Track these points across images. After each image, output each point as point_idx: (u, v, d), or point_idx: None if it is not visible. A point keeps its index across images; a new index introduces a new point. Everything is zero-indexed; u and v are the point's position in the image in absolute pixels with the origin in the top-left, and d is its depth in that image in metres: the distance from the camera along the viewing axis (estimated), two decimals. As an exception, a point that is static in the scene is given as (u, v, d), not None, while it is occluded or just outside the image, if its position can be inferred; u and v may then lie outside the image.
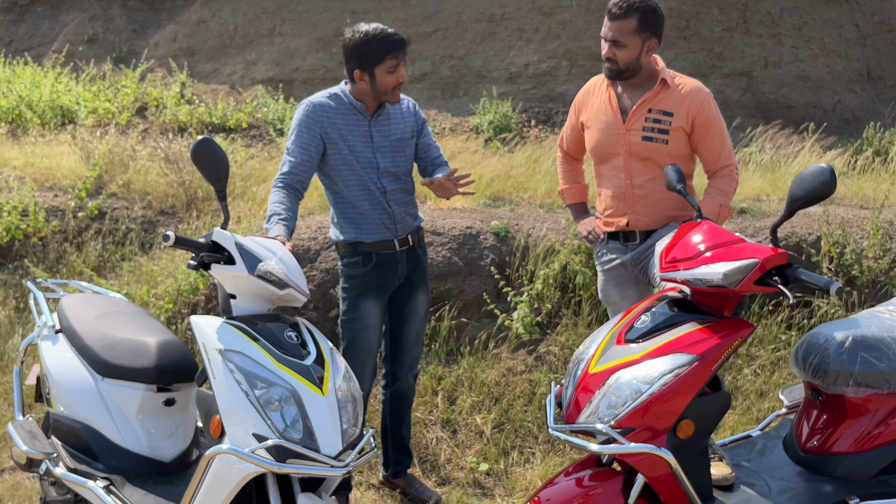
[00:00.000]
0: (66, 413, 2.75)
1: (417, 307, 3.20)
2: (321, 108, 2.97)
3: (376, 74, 2.91)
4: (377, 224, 3.03)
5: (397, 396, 3.28)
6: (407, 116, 3.12)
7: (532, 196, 5.21)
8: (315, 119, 2.96)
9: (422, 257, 3.21)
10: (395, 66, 2.89)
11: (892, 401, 2.48)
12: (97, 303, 3.03)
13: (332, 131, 2.97)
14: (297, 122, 2.97)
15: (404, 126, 3.10)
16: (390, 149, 3.05)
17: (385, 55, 2.87)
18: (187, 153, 6.31)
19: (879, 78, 11.47)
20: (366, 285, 3.05)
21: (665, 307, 2.38)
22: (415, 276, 3.17)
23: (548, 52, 9.95)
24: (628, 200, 3.07)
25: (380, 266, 3.05)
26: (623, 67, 2.96)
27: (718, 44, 10.10)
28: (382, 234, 3.04)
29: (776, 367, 4.08)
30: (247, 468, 2.13)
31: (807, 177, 2.32)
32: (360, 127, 3.01)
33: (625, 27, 2.90)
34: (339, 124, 2.98)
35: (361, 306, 3.04)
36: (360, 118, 3.01)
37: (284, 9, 10.79)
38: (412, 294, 3.18)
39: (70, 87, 8.89)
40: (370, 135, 3.02)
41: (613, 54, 2.95)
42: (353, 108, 3.00)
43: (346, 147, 2.98)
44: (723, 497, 2.48)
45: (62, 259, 5.33)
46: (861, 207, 5.18)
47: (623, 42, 2.92)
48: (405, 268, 3.12)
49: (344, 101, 3.00)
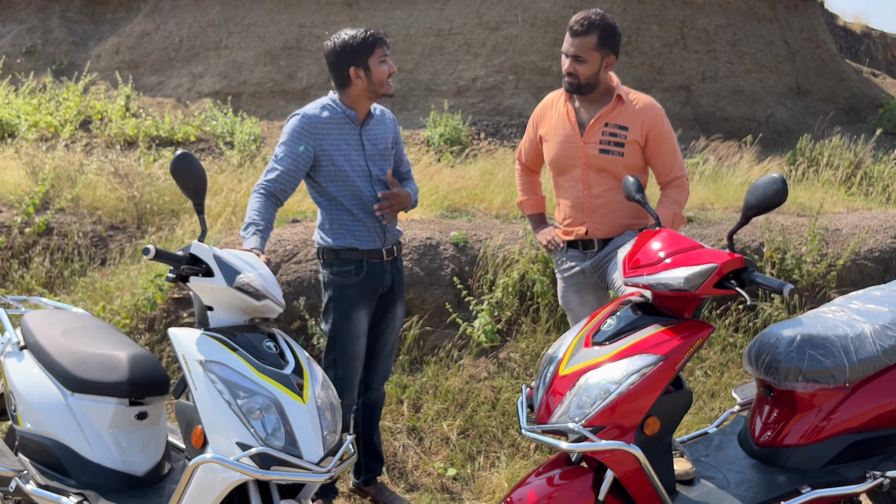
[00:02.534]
0: (34, 430, 2.72)
1: (395, 319, 3.26)
2: (315, 121, 3.01)
3: (371, 66, 2.98)
4: (370, 232, 3.09)
5: (369, 405, 3.33)
6: (389, 125, 3.20)
7: (488, 207, 5.33)
8: (308, 131, 3.00)
9: (401, 269, 3.28)
10: (384, 56, 3.01)
11: (837, 395, 2.65)
12: (62, 318, 3.00)
13: (326, 143, 3.01)
14: (290, 132, 3.01)
15: (387, 135, 3.17)
16: (379, 157, 3.12)
17: (374, 46, 2.97)
18: (137, 167, 6.22)
19: (808, 92, 12.02)
20: (357, 295, 3.09)
21: (629, 311, 2.50)
22: (396, 287, 3.23)
23: (495, 66, 10.14)
24: (587, 210, 3.20)
25: (369, 275, 3.10)
26: (584, 82, 3.10)
27: (658, 59, 10.46)
28: (374, 242, 3.10)
29: (725, 367, 4.27)
30: (231, 476, 2.16)
31: (760, 186, 2.48)
32: (352, 136, 3.07)
33: (586, 43, 3.04)
34: (333, 135, 3.03)
35: (353, 317, 3.07)
36: (351, 127, 3.07)
37: (231, 21, 10.72)
38: (392, 305, 3.23)
39: (9, 100, 8.66)
40: (362, 143, 3.08)
41: (574, 69, 3.09)
42: (345, 118, 3.06)
43: (341, 157, 3.02)
44: (685, 491, 2.61)
45: (8, 275, 5.20)
46: (798, 215, 5.46)
47: (584, 58, 3.06)
48: (390, 277, 3.18)
49: (337, 110, 3.06)
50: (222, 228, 5.16)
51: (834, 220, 5.29)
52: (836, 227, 5.15)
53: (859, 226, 5.20)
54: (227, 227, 5.15)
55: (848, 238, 5.03)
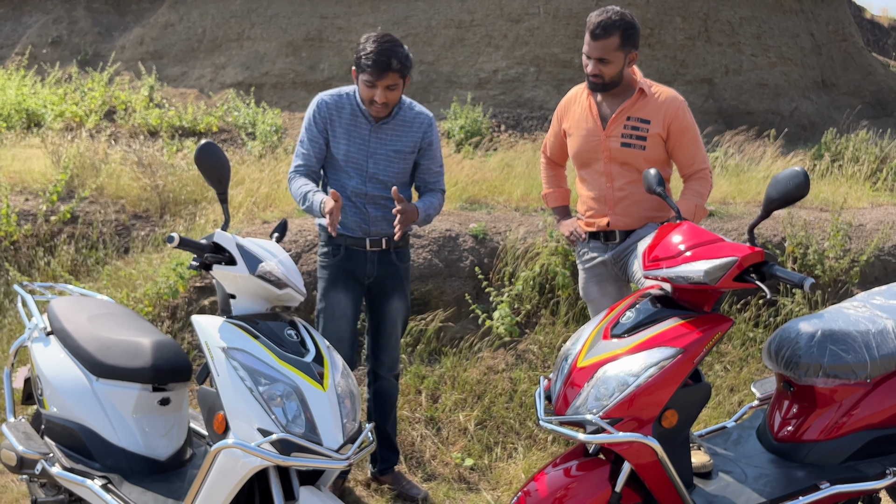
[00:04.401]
0: (60, 414, 2.77)
1: (393, 313, 3.27)
2: (327, 106, 3.11)
3: (359, 80, 3.02)
4: (351, 221, 3.14)
5: (380, 394, 3.36)
6: (416, 130, 3.16)
7: (508, 199, 5.33)
8: (321, 115, 3.11)
9: (397, 264, 3.24)
10: (371, 83, 2.96)
11: (858, 390, 2.63)
12: (87, 305, 3.05)
13: (331, 129, 3.11)
14: (307, 117, 3.14)
15: (408, 139, 3.15)
16: (385, 157, 3.13)
17: (365, 68, 2.96)
18: (160, 157, 6.29)
19: (834, 85, 11.87)
20: (335, 276, 3.18)
21: (648, 304, 2.50)
22: (389, 281, 3.23)
23: (516, 58, 10.11)
24: (609, 202, 3.20)
25: (348, 259, 3.16)
26: (608, 81, 3.11)
27: (681, 51, 10.37)
28: (354, 231, 3.15)
29: (745, 363, 4.25)
30: (252, 462, 2.19)
31: (782, 180, 2.46)
32: (360, 131, 3.10)
33: (608, 45, 3.04)
34: (341, 123, 3.10)
35: (331, 295, 3.17)
36: (362, 121, 3.11)
37: (253, 13, 10.77)
38: (387, 299, 3.25)
39: (36, 90, 8.78)
40: (368, 140, 3.11)
41: (599, 71, 3.08)
42: (358, 111, 3.11)
43: (340, 147, 3.10)
44: (702, 484, 2.61)
45: (34, 263, 5.28)
46: (821, 210, 5.41)
47: (608, 59, 3.06)
48: (374, 269, 3.19)
49: (353, 102, 3.12)
50: (244, 218, 5.21)
51: (857, 216, 5.23)
52: (859, 223, 5.10)
53: (883, 221, 5.15)
54: (249, 218, 5.20)
55: (871, 234, 4.98)
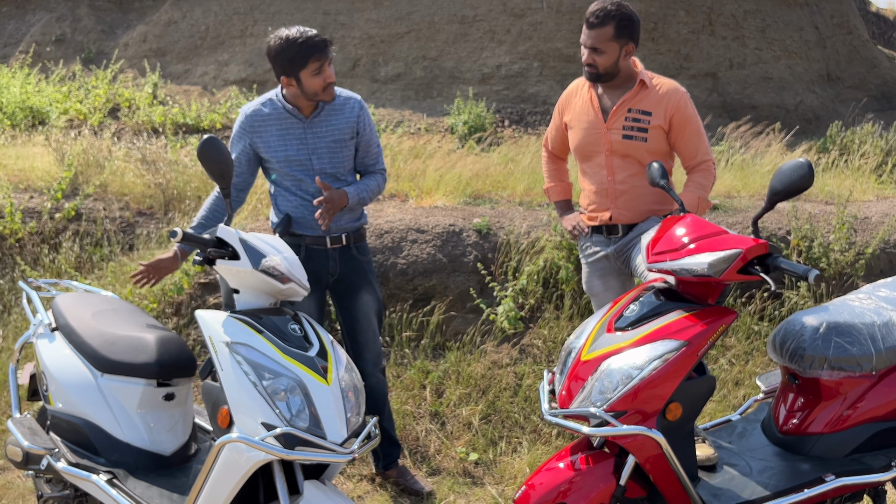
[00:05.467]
0: (65, 409, 2.78)
1: (364, 307, 3.25)
2: (252, 118, 3.05)
3: (302, 79, 2.94)
4: (308, 220, 3.10)
5: (369, 392, 3.33)
6: (349, 115, 3.11)
7: (511, 194, 5.32)
8: (245, 130, 3.05)
9: (358, 257, 3.22)
10: (319, 68, 2.92)
11: (863, 383, 2.63)
12: (92, 301, 3.06)
13: (262, 139, 3.04)
14: (233, 133, 3.09)
15: (343, 126, 3.11)
16: (327, 150, 3.09)
17: (307, 59, 2.89)
18: (164, 154, 6.30)
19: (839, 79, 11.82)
20: None
21: (652, 296, 2.50)
22: (353, 276, 3.20)
23: (519, 53, 10.09)
24: (611, 196, 3.19)
25: (309, 260, 3.07)
26: (603, 72, 3.10)
27: (685, 45, 10.34)
28: (314, 230, 3.11)
29: (750, 356, 4.24)
30: (256, 456, 2.19)
31: (786, 171, 2.45)
32: (293, 131, 3.06)
33: (603, 35, 3.03)
34: (271, 131, 3.04)
35: None
36: (294, 122, 3.06)
37: (256, 10, 10.77)
38: (355, 295, 3.23)
39: (40, 88, 8.80)
40: (305, 138, 3.07)
41: (593, 60, 3.08)
42: (286, 113, 3.05)
43: (278, 152, 3.05)
44: (707, 477, 2.61)
45: (39, 260, 5.30)
46: (826, 203, 5.39)
47: (602, 49, 3.05)
48: (337, 266, 3.17)
49: (278, 105, 3.06)
50: (248, 214, 5.21)
51: (863, 209, 5.21)
52: (864, 216, 5.08)
53: (889, 214, 5.13)
54: (253, 214, 5.20)
55: (877, 226, 4.96)
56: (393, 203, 5.11)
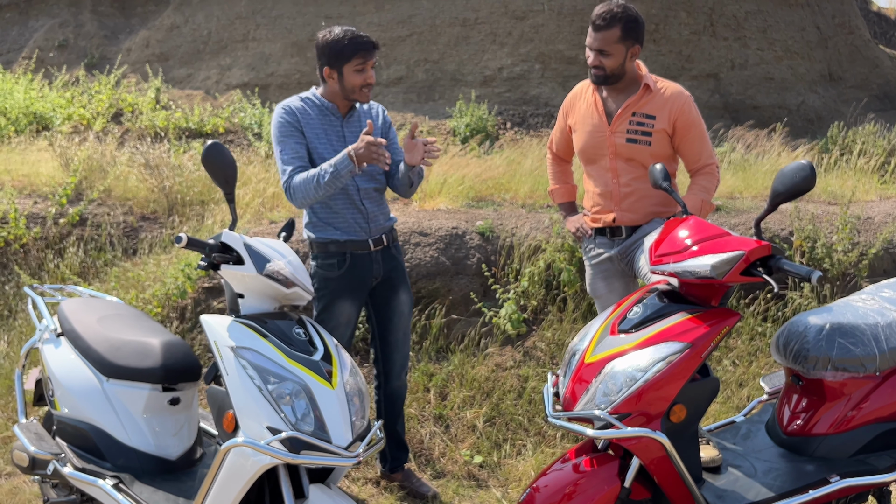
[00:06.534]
0: (71, 414, 2.79)
1: (401, 306, 3.27)
2: (297, 111, 3.05)
3: (344, 73, 2.99)
4: (351, 223, 3.10)
5: (390, 396, 3.35)
6: (376, 118, 3.20)
7: (514, 196, 5.33)
8: (293, 125, 3.04)
9: (397, 256, 3.26)
10: (362, 66, 2.98)
11: (867, 383, 2.63)
12: (97, 306, 3.07)
13: (307, 132, 3.05)
14: (280, 123, 3.03)
15: (375, 127, 3.15)
16: None
17: (353, 54, 2.96)
18: (167, 158, 6.32)
19: (840, 79, 11.81)
20: (341, 288, 3.11)
21: (655, 299, 2.50)
22: (394, 275, 3.23)
23: (521, 55, 10.10)
24: (615, 198, 3.20)
25: (354, 267, 3.10)
26: (609, 74, 3.10)
27: (686, 46, 10.34)
28: (357, 233, 3.11)
29: (754, 357, 4.24)
30: (262, 460, 2.20)
31: (788, 173, 2.46)
32: (333, 128, 3.09)
33: (609, 37, 3.04)
34: (313, 125, 3.06)
35: (335, 307, 3.11)
36: (332, 119, 3.09)
37: (258, 14, 10.80)
38: (394, 294, 3.24)
39: (43, 94, 8.83)
40: (343, 135, 3.10)
41: (600, 62, 3.09)
42: (325, 110, 3.08)
43: (321, 147, 3.06)
44: (711, 478, 2.61)
45: (43, 266, 5.32)
46: (829, 203, 5.39)
47: (608, 51, 3.06)
48: (381, 268, 3.18)
49: (316, 103, 3.09)
50: (252, 218, 5.23)
51: (866, 209, 5.21)
52: (867, 216, 5.08)
53: (892, 214, 5.12)
54: (257, 218, 5.21)
55: (880, 226, 4.96)
56: (396, 206, 5.12)
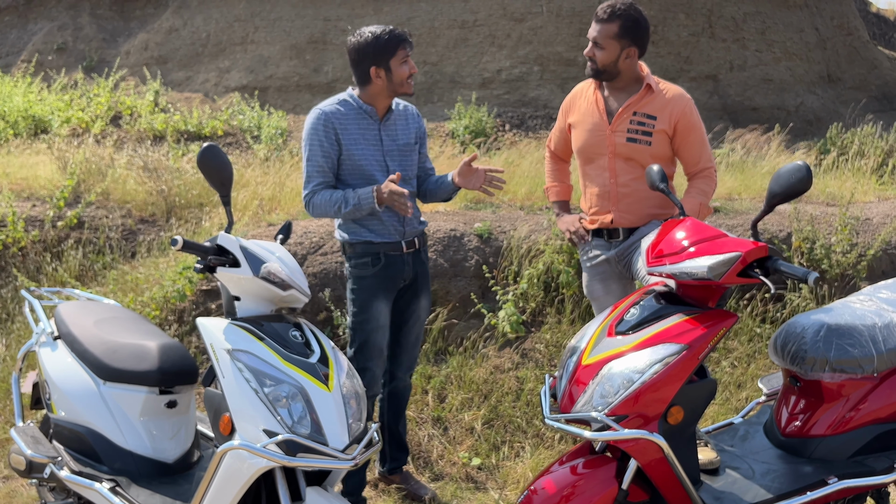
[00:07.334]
0: (68, 418, 2.79)
1: (419, 310, 3.28)
2: (333, 116, 3.05)
3: (392, 67, 3.01)
4: (386, 226, 3.10)
5: (394, 395, 3.36)
6: (411, 122, 3.22)
7: (512, 198, 5.32)
8: (330, 126, 3.03)
9: (425, 261, 3.29)
10: (406, 57, 3.02)
11: (865, 385, 2.62)
12: (94, 309, 3.07)
13: (344, 137, 3.04)
14: (312, 131, 3.04)
15: (409, 131, 3.19)
16: (398, 152, 3.15)
17: (397, 47, 2.99)
18: (166, 161, 6.31)
19: (839, 80, 11.81)
20: (375, 286, 3.11)
21: (652, 300, 2.50)
22: (420, 280, 3.25)
23: (520, 57, 10.09)
24: (613, 199, 3.19)
25: (387, 267, 3.12)
26: (601, 68, 3.12)
27: (685, 48, 10.34)
28: (391, 235, 3.12)
29: (752, 359, 4.23)
30: (258, 463, 2.20)
31: (784, 174, 2.46)
32: (370, 131, 3.10)
33: (606, 31, 3.06)
34: (350, 129, 3.06)
35: (372, 307, 3.10)
36: (370, 122, 3.10)
37: (257, 16, 10.79)
38: (416, 297, 3.25)
39: (42, 97, 8.83)
40: (380, 138, 3.11)
41: (593, 54, 3.11)
42: (363, 113, 3.09)
43: (357, 152, 3.06)
44: (709, 480, 2.61)
45: (41, 269, 5.31)
46: (828, 205, 5.38)
47: (602, 44, 3.07)
48: (411, 270, 3.19)
49: (353, 106, 3.09)
50: (249, 221, 5.22)
51: (864, 210, 5.20)
52: (866, 217, 5.07)
53: (890, 215, 5.12)
54: (255, 220, 5.21)
55: (879, 227, 4.95)
56: (394, 208, 5.11)
